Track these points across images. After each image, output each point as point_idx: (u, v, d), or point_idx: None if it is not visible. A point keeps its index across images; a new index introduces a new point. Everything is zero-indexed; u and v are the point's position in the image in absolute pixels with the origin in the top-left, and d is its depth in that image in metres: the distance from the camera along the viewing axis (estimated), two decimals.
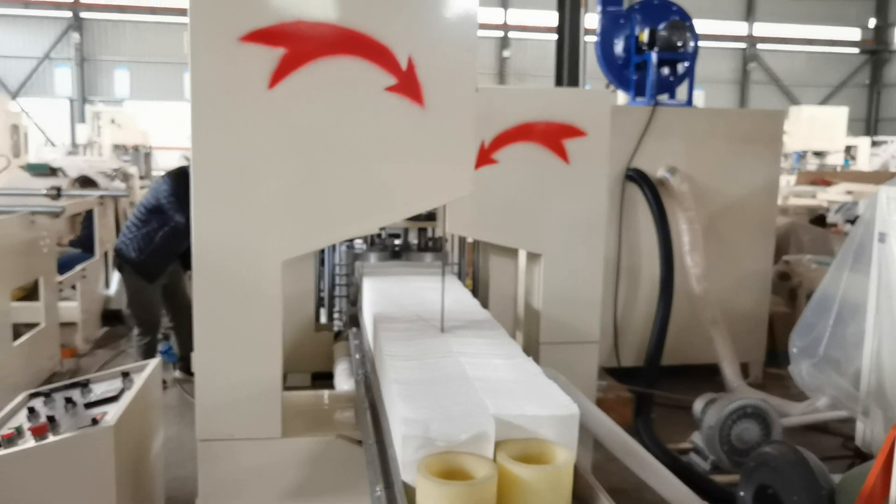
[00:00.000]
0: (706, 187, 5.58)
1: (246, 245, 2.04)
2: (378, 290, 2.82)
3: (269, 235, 2.05)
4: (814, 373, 4.24)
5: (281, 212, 2.03)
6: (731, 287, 5.72)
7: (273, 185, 2.01)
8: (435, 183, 2.07)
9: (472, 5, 2.01)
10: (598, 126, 2.90)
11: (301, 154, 2.00)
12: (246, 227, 2.04)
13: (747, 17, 26.21)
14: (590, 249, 2.97)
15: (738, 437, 4.09)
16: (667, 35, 5.82)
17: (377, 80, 1.98)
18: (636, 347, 5.60)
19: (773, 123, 5.74)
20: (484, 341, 2.15)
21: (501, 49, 25.47)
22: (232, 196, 2.02)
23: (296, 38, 1.93)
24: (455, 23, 2.00)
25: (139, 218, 4.93)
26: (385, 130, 2.01)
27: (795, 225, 7.40)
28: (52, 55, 23.85)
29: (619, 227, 5.53)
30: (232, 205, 2.02)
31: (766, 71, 26.76)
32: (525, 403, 1.67)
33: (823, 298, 4.34)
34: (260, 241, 2.05)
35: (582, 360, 3.04)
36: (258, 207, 2.03)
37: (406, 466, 1.50)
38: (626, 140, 5.46)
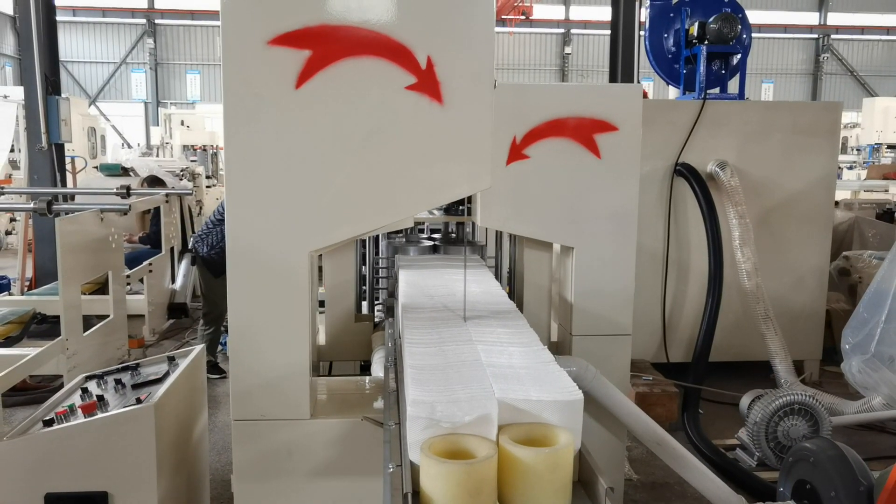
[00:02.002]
0: (760, 181, 5.50)
1: (276, 237, 2.17)
2: (412, 282, 2.92)
3: (298, 228, 2.16)
4: (865, 370, 4.14)
5: (308, 205, 2.14)
6: (787, 283, 5.62)
7: (300, 179, 2.13)
8: (454, 177, 2.14)
9: (489, 4, 2.08)
10: (630, 120, 2.91)
11: (326, 150, 2.11)
12: (276, 219, 2.16)
13: (819, 7, 25.32)
14: (622, 243, 2.99)
15: (785, 434, 4.03)
16: (717, 28, 5.74)
17: (398, 79, 2.07)
18: (685, 343, 5.56)
19: (830, 116, 5.60)
20: (504, 331, 2.21)
21: (563, 45, 25.30)
22: (262, 191, 2.14)
23: (320, 40, 2.04)
24: (472, 22, 2.07)
25: (215, 217, 5.34)
26: (405, 127, 2.10)
27: (859, 220, 7.18)
28: (129, 60, 24.84)
29: (667, 222, 5.50)
30: (262, 199, 2.15)
31: (841, 61, 25.79)
32: (531, 388, 1.72)
33: (877, 293, 4.22)
34: (289, 233, 2.16)
35: (615, 353, 3.06)
36: (287, 201, 2.14)
37: (413, 446, 1.57)
38: (676, 135, 5.42)
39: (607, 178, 2.94)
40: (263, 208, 2.15)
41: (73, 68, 24.22)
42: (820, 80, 26.00)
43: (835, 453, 3.05)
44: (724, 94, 6.11)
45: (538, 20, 23.40)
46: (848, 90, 25.25)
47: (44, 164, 7.23)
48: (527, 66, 25.13)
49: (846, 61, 25.94)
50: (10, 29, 22.26)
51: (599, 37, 23.95)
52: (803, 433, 3.98)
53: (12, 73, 21.59)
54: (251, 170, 2.14)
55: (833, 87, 25.75)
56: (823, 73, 25.95)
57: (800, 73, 25.98)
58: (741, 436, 4.27)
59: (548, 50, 25.43)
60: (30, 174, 7.48)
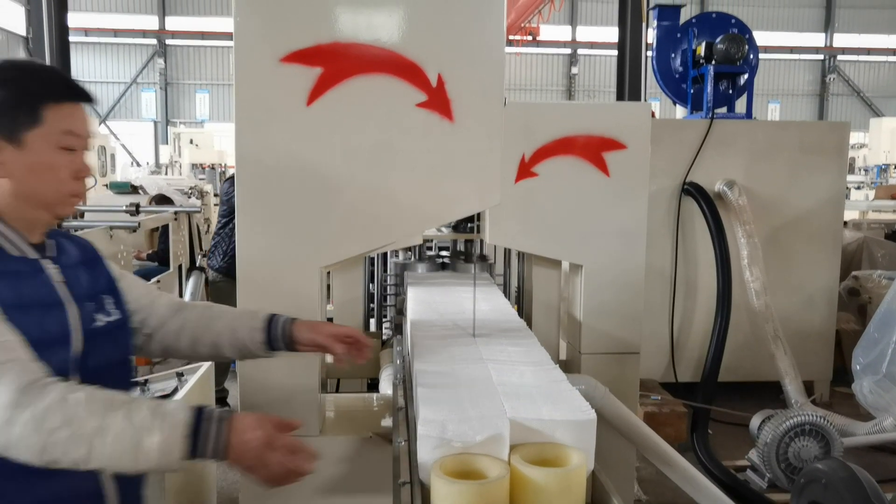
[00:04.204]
0: (768, 201, 5.49)
1: (286, 253, 2.17)
2: (421, 299, 2.91)
3: (308, 244, 2.16)
4: (877, 390, 4.11)
5: (318, 221, 2.15)
6: (796, 302, 5.60)
7: (310, 196, 2.13)
8: (463, 194, 2.15)
9: (499, 23, 2.10)
10: (638, 138, 2.92)
11: (336, 167, 2.12)
12: (286, 236, 2.16)
13: (826, 28, 25.42)
14: (631, 260, 2.98)
15: (796, 455, 4.00)
16: (724, 48, 5.77)
17: (408, 96, 2.08)
18: (694, 363, 5.53)
19: (838, 135, 5.61)
20: (515, 349, 2.20)
21: (570, 66, 25.45)
22: (272, 207, 2.15)
23: (332, 58, 2.05)
24: (483, 40, 2.09)
25: (219, 226, 5.37)
26: (416, 144, 2.11)
27: (868, 240, 7.16)
28: (139, 80, 25.09)
29: (675, 242, 5.49)
30: (272, 215, 2.15)
31: (847, 82, 25.85)
32: (543, 408, 1.70)
33: (887, 313, 4.21)
34: (299, 249, 2.17)
35: (624, 372, 3.04)
36: (297, 217, 2.15)
37: (423, 465, 1.56)
38: (684, 154, 5.43)
39: (616, 195, 2.94)
40: (274, 224, 2.16)
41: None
42: (826, 100, 26.05)
43: (847, 475, 3.02)
44: (731, 114, 6.13)
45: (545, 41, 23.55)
46: (854, 111, 25.27)
47: None
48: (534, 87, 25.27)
49: (852, 82, 26.00)
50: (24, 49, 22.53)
51: (606, 57, 24.08)
52: (814, 454, 3.95)
53: None
54: (261, 186, 2.15)
55: (840, 108, 25.78)
56: (830, 94, 26.00)
57: (806, 94, 26.04)
58: (751, 457, 4.24)
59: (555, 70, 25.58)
60: None
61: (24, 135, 1.50)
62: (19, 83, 1.53)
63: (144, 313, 1.84)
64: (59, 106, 1.54)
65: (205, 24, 24.58)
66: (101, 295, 1.67)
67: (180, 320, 1.87)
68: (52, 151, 1.53)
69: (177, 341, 1.88)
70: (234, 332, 1.89)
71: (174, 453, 1.38)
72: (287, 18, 2.06)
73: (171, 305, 1.89)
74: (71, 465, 1.35)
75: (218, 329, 1.89)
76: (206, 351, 1.91)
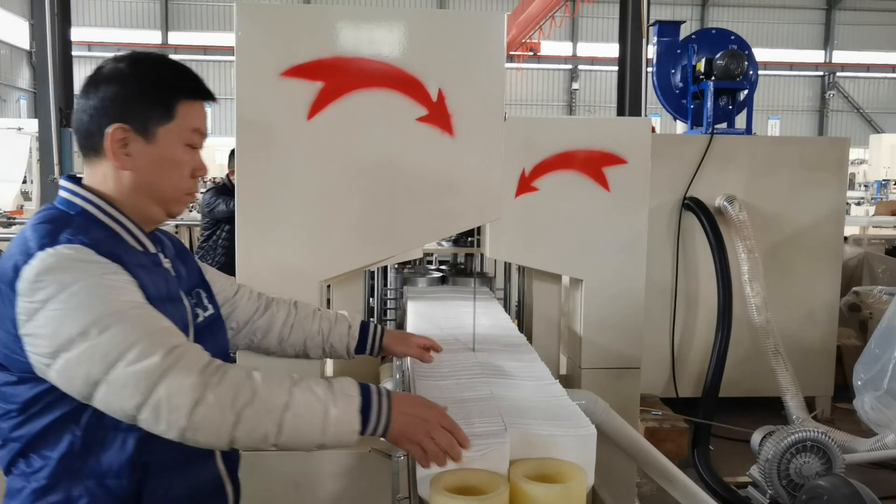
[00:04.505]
0: (768, 216, 5.49)
1: (286, 266, 2.17)
2: (421, 313, 2.91)
3: (308, 257, 2.17)
4: (878, 406, 4.10)
5: (318, 235, 2.15)
6: (797, 318, 5.58)
7: (310, 209, 2.14)
8: (463, 208, 2.15)
9: (500, 38, 2.11)
10: (639, 153, 2.93)
11: (336, 180, 2.13)
12: (286, 249, 2.16)
13: (825, 45, 25.55)
14: (631, 275, 2.98)
15: (798, 472, 3.96)
16: (724, 64, 5.79)
17: (409, 111, 2.09)
18: (695, 378, 5.51)
19: (838, 151, 5.62)
20: (515, 364, 2.20)
21: (571, 81, 25.56)
22: (273, 220, 2.15)
23: (333, 72, 2.07)
24: (484, 55, 2.10)
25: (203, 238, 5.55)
26: (416, 158, 2.12)
27: (868, 255, 7.16)
28: None
29: (675, 257, 5.49)
30: (273, 228, 2.16)
31: (846, 98, 25.95)
32: (543, 423, 1.70)
33: (889, 329, 4.19)
34: (299, 263, 2.17)
35: (624, 387, 3.03)
36: (297, 231, 2.15)
37: (422, 481, 1.55)
38: (684, 169, 5.44)
39: (616, 210, 2.94)
40: (274, 238, 2.16)
41: None
42: (826, 116, 26.14)
43: (849, 491, 3.00)
44: (731, 129, 6.15)
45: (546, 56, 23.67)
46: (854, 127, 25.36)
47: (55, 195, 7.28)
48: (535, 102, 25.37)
49: (852, 98, 26.10)
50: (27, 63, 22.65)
51: (606, 73, 24.20)
52: (816, 471, 3.92)
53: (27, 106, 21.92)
54: (262, 199, 2.15)
55: (839, 124, 25.87)
56: (829, 110, 26.10)
57: (806, 110, 26.14)
58: (753, 473, 4.21)
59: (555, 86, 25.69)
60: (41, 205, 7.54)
61: (155, 129, 1.50)
62: (155, 77, 1.53)
63: (230, 307, 1.85)
64: (190, 103, 1.55)
65: (207, 38, 24.71)
66: (197, 289, 1.67)
67: (269, 318, 1.90)
68: (179, 147, 1.54)
69: (264, 339, 1.91)
70: (326, 336, 1.94)
71: (353, 426, 1.42)
72: (288, 33, 2.07)
73: (253, 300, 1.91)
74: (256, 443, 1.36)
75: (310, 331, 1.93)
76: (292, 351, 1.95)
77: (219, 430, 1.33)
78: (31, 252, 1.36)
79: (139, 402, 1.29)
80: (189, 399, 1.30)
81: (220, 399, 1.32)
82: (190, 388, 1.30)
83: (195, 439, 1.33)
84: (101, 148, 1.49)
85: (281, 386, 1.39)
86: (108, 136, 1.47)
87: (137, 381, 1.29)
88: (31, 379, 1.38)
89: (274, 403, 1.36)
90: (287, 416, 1.36)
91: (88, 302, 1.32)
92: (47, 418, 1.40)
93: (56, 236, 1.39)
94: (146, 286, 1.44)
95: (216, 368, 1.36)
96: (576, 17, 24.09)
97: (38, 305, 1.32)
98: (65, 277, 1.33)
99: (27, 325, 1.33)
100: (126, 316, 1.33)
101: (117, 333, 1.31)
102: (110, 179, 1.51)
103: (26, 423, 1.41)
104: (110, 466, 1.43)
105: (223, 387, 1.33)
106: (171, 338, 1.37)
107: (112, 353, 1.30)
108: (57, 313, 1.31)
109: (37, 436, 1.41)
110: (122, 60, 1.53)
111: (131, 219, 1.53)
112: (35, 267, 1.34)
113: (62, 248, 1.36)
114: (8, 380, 1.40)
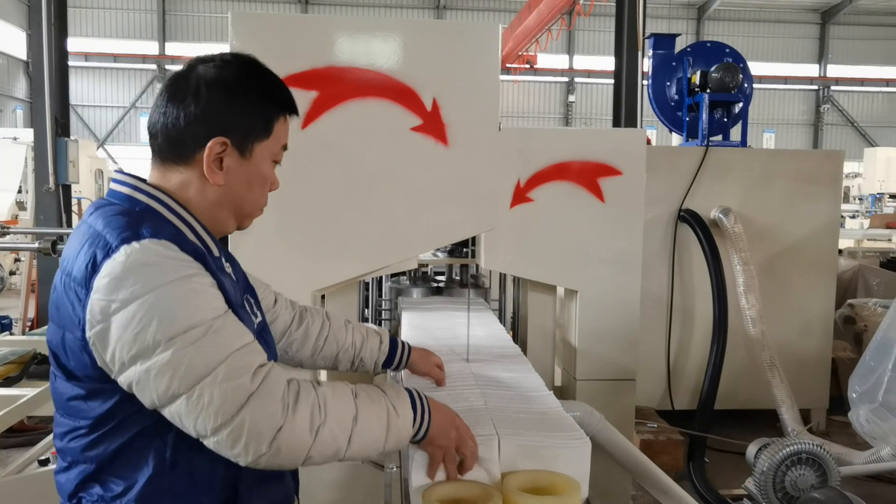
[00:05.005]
0: (763, 228, 5.50)
1: (280, 276, 2.15)
2: (415, 324, 2.90)
3: (302, 267, 2.16)
4: (873, 419, 4.09)
5: (312, 244, 2.15)
6: (792, 330, 5.58)
7: (304, 218, 2.13)
8: (458, 218, 2.15)
9: (494, 48, 2.12)
10: (634, 165, 2.93)
11: (331, 190, 2.12)
12: (280, 259, 2.16)
13: (819, 59, 25.70)
14: (626, 286, 2.98)
15: (793, 484, 3.95)
16: (719, 77, 5.82)
17: (403, 120, 2.10)
18: (690, 390, 5.50)
19: (832, 164, 5.64)
20: (509, 375, 2.19)
21: (567, 94, 25.64)
22: (267, 228, 2.15)
23: (327, 82, 2.07)
24: (478, 65, 2.11)
25: None
26: (411, 168, 2.12)
27: (863, 268, 7.17)
28: (138, 105, 25.21)
29: (671, 269, 5.49)
30: (266, 237, 2.15)
31: (841, 112, 26.08)
32: (537, 434, 1.69)
33: (883, 342, 4.19)
34: (293, 273, 2.16)
35: (619, 398, 3.02)
36: (291, 240, 2.15)
37: (416, 492, 1.54)
38: (680, 181, 5.45)
39: (611, 221, 2.94)
40: (268, 247, 2.15)
41: (84, 112, 24.58)
42: (821, 130, 26.23)
43: None
44: (726, 142, 6.17)
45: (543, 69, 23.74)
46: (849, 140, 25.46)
47: (50, 204, 7.26)
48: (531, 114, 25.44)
49: (846, 112, 26.21)
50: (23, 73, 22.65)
51: (602, 86, 24.29)
52: (811, 483, 3.91)
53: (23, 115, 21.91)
54: None
55: (834, 138, 25.96)
56: (824, 124, 26.19)
57: (801, 124, 26.22)
58: (748, 486, 4.19)
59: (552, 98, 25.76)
60: (36, 214, 7.52)
61: (253, 145, 1.44)
62: (261, 91, 1.46)
63: (272, 317, 1.80)
64: (284, 120, 1.51)
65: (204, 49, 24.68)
66: (247, 294, 1.58)
67: (304, 329, 1.86)
68: (267, 164, 1.49)
69: (300, 350, 1.86)
70: (359, 350, 1.92)
71: (409, 431, 1.42)
72: (283, 43, 2.08)
73: (289, 309, 1.87)
74: (326, 459, 1.33)
75: (344, 344, 1.90)
76: (323, 363, 1.92)
77: (296, 453, 1.29)
78: (111, 245, 1.26)
79: (220, 423, 1.23)
80: (272, 426, 1.25)
81: (300, 424, 1.28)
82: (274, 414, 1.25)
83: (269, 463, 1.28)
84: (190, 157, 1.41)
85: (346, 398, 1.36)
86: (208, 149, 1.39)
87: (223, 402, 1.22)
88: (103, 392, 1.29)
89: (345, 419, 1.34)
90: (356, 429, 1.34)
91: (176, 307, 1.24)
92: (125, 436, 1.31)
93: (137, 229, 1.28)
94: (226, 290, 1.36)
95: (293, 387, 1.32)
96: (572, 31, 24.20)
97: (119, 305, 1.22)
98: (152, 276, 1.24)
99: (100, 326, 1.23)
100: (214, 328, 1.26)
101: (205, 347, 1.24)
102: (192, 189, 1.43)
103: (101, 442, 1.31)
104: (202, 483, 1.36)
105: (301, 410, 1.29)
106: (256, 356, 1.31)
107: (198, 369, 1.22)
108: (140, 315, 1.21)
109: (114, 455, 1.31)
110: (226, 66, 1.44)
111: (199, 221, 1.44)
112: (119, 262, 1.24)
113: (148, 243, 1.26)
114: (77, 393, 1.31)
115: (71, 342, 1.29)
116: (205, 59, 1.45)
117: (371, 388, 1.44)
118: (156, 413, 1.28)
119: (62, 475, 1.36)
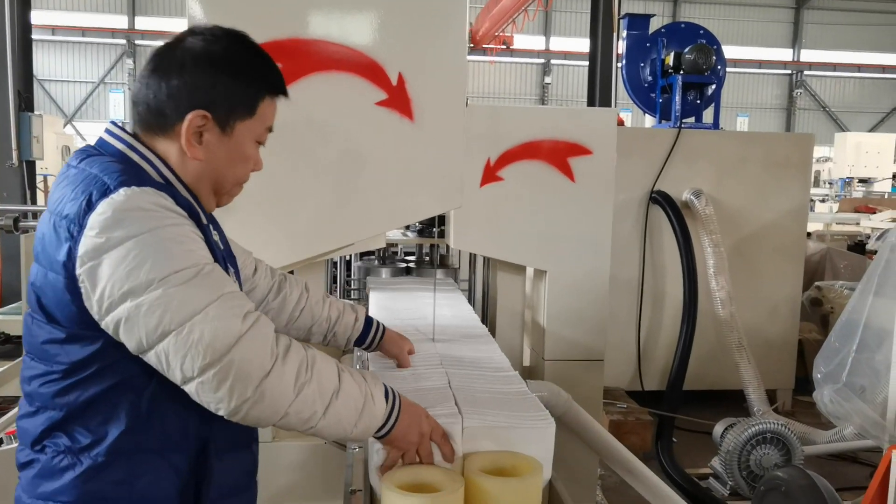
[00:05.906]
0: (734, 211, 5.54)
1: None
2: (382, 304, 2.87)
3: (265, 244, 2.11)
4: (837, 399, 4.13)
5: (275, 221, 2.10)
6: (760, 312, 5.64)
7: (267, 195, 2.09)
8: (425, 195, 2.12)
9: (461, 24, 2.07)
10: (604, 144, 2.91)
11: (293, 165, 2.08)
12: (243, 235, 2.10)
13: (794, 44, 25.89)
14: (595, 267, 2.97)
15: (758, 463, 4.01)
16: (692, 58, 5.82)
17: (368, 94, 2.05)
18: (660, 371, 5.55)
19: (803, 148, 5.68)
20: (474, 354, 2.17)
21: (543, 75, 25.59)
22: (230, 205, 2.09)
23: (290, 54, 2.01)
24: (445, 41, 2.06)
25: None
26: (376, 143, 2.07)
27: (831, 251, 7.26)
28: (107, 80, 24.73)
29: (642, 250, 5.51)
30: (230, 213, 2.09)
31: (813, 97, 26.34)
32: (500, 415, 1.66)
33: (848, 323, 4.23)
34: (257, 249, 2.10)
35: (588, 379, 3.02)
36: (254, 217, 2.10)
37: (376, 471, 1.52)
38: (652, 163, 5.46)
39: (581, 201, 2.93)
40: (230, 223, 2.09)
41: (51, 87, 24.05)
42: (793, 114, 26.47)
43: (806, 483, 3.03)
44: (699, 124, 6.18)
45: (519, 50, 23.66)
46: (820, 125, 25.72)
47: (14, 181, 7.11)
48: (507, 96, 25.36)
49: (819, 97, 26.47)
50: None
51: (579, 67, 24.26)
52: (775, 462, 3.97)
53: None
54: None
55: (806, 122, 26.22)
56: (797, 108, 26.42)
57: (774, 108, 26.44)
58: (714, 464, 4.24)
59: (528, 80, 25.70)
60: None
61: (235, 123, 1.43)
62: (249, 69, 1.44)
63: (249, 287, 1.78)
64: (270, 100, 1.49)
65: (175, 24, 24.27)
66: (229, 265, 1.56)
67: (282, 299, 1.84)
68: (250, 143, 1.48)
69: (275, 319, 1.82)
70: (333, 324, 1.90)
71: (378, 423, 1.41)
72: (244, 13, 2.02)
73: (268, 278, 1.85)
74: (298, 424, 1.31)
75: (319, 317, 1.87)
76: (296, 334, 1.88)
77: (277, 405, 1.27)
78: (109, 186, 1.26)
79: (209, 361, 1.21)
80: (261, 369, 1.24)
81: (287, 374, 1.27)
82: (263, 358, 1.25)
83: (248, 412, 1.26)
84: (170, 129, 1.40)
85: (332, 368, 1.35)
86: (187, 122, 1.38)
87: (213, 339, 1.21)
88: (83, 338, 1.28)
89: (327, 387, 1.32)
90: (334, 401, 1.33)
91: (171, 247, 1.25)
92: (99, 385, 1.29)
93: (134, 177, 1.29)
94: (215, 256, 1.37)
95: (283, 340, 1.31)
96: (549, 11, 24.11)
97: (113, 243, 1.22)
98: (148, 218, 1.24)
99: (91, 262, 1.23)
100: (205, 270, 1.27)
101: (197, 286, 1.24)
102: (173, 159, 1.41)
103: (73, 389, 1.30)
104: (173, 441, 1.35)
105: (290, 362, 1.28)
106: (245, 301, 1.31)
107: (190, 306, 1.22)
108: (134, 254, 1.22)
109: (85, 405, 1.30)
110: (215, 41, 1.42)
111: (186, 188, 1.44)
112: (118, 202, 1.24)
113: (148, 189, 1.28)
114: (55, 336, 1.30)
115: (54, 281, 1.28)
116: (195, 32, 1.44)
117: (354, 370, 1.42)
118: (134, 366, 1.28)
119: (27, 420, 1.35)
